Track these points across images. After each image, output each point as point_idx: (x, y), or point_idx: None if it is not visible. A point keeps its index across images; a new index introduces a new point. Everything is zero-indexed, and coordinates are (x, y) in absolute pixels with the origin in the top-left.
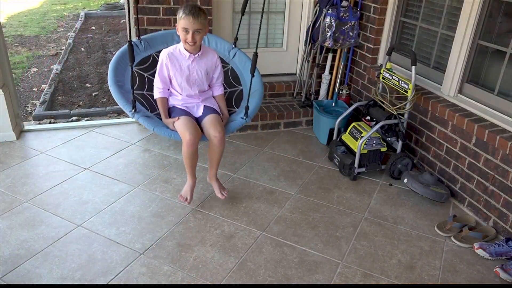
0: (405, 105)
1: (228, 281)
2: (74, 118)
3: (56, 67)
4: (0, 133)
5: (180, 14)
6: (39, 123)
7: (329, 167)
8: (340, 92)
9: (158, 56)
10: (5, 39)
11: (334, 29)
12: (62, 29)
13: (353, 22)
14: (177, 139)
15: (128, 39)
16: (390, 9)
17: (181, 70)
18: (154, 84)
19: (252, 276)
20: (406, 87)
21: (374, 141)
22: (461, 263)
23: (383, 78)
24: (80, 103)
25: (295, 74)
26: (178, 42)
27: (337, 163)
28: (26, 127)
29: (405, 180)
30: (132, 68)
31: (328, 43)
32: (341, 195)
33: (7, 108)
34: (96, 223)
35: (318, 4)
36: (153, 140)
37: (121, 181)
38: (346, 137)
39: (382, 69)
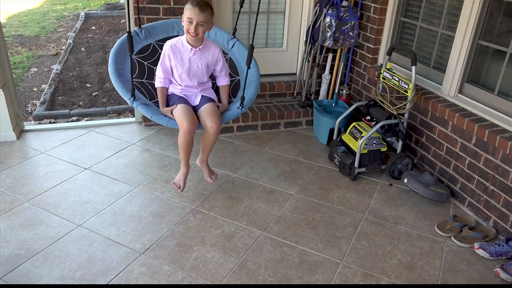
0: (405, 105)
1: (228, 281)
2: (74, 118)
3: (56, 67)
4: (0, 133)
5: (187, 5)
6: (39, 123)
7: (329, 167)
8: (340, 92)
9: (158, 46)
10: (5, 39)
11: (334, 29)
12: (62, 29)
13: (353, 22)
14: (174, 127)
15: (127, 29)
16: (390, 9)
17: (182, 62)
18: (156, 73)
19: (252, 276)
20: (406, 87)
21: (374, 141)
22: (461, 263)
23: (383, 78)
24: (80, 103)
25: (295, 74)
26: (179, 32)
27: (337, 163)
28: (26, 127)
29: (405, 180)
30: (131, 57)
31: (328, 43)
32: (341, 195)
33: (7, 108)
34: (96, 223)
35: (318, 4)
36: (153, 140)
37: (121, 181)
38: (346, 137)
39: (382, 69)
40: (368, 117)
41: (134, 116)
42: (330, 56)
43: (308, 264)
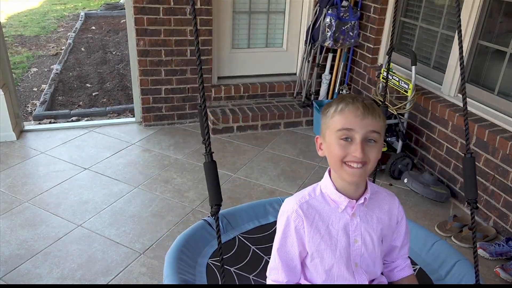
0: (405, 105)
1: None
2: (74, 118)
3: (56, 67)
4: (0, 133)
5: (334, 107)
6: (39, 123)
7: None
8: (341, 92)
9: (246, 240)
10: (5, 39)
11: (334, 29)
12: (62, 29)
13: (353, 22)
14: None
15: (214, 213)
16: (390, 9)
17: (330, 238)
18: (270, 275)
19: None
20: (406, 87)
21: None
22: None
23: (383, 78)
24: (80, 103)
25: (295, 74)
26: (274, 214)
27: None
28: (26, 127)
29: (405, 180)
30: (223, 264)
31: (328, 43)
32: None
33: (7, 108)
34: (96, 223)
35: (318, 4)
36: (153, 140)
37: (121, 181)
38: None
39: (382, 69)
40: None
41: (134, 116)
42: (330, 56)
43: None
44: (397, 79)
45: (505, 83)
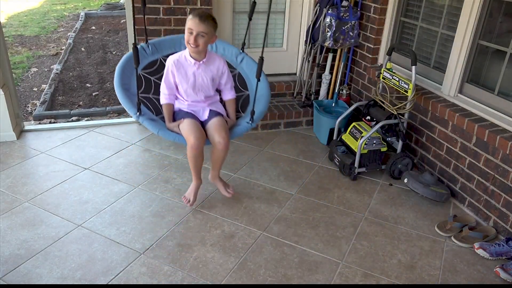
0: (405, 105)
1: (228, 281)
2: (74, 118)
3: (56, 67)
4: (0, 133)
5: (189, 16)
6: (39, 123)
7: (329, 167)
8: (340, 92)
9: (165, 60)
10: (5, 39)
11: (334, 29)
12: (62, 29)
13: (353, 22)
14: (181, 143)
15: (133, 41)
16: (390, 9)
17: (186, 77)
18: (161, 90)
19: (252, 276)
20: (406, 87)
21: (374, 141)
22: (461, 263)
23: (383, 78)
24: (80, 103)
25: (295, 74)
26: (186, 48)
27: (337, 163)
28: (26, 127)
29: (406, 180)
30: (137, 70)
31: (328, 43)
32: (341, 195)
33: (7, 108)
34: (96, 223)
35: (318, 4)
36: (153, 140)
37: (121, 181)
38: (346, 137)
39: (382, 69)
40: (368, 117)
41: None
42: (330, 56)
43: (308, 264)
44: (397, 79)
45: (505, 83)
